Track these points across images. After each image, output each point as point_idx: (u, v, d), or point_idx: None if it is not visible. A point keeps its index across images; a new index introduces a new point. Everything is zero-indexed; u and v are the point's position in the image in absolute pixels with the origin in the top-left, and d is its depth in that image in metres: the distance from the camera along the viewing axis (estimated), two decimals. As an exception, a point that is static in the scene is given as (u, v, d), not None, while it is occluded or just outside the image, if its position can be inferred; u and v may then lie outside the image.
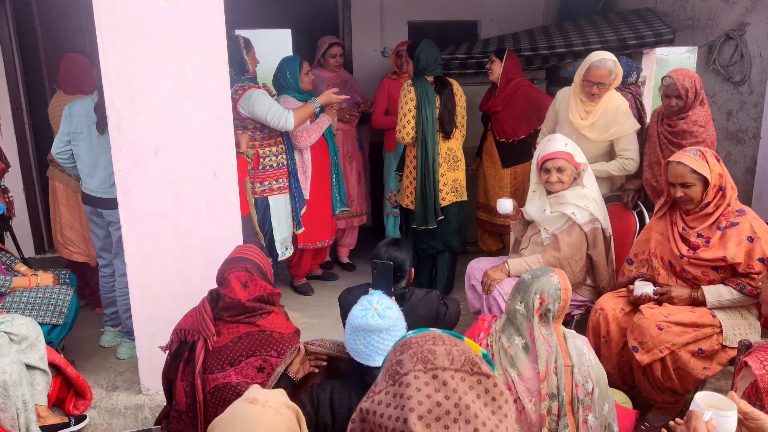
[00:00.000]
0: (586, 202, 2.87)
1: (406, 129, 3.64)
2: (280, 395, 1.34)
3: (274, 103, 3.51)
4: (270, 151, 3.65)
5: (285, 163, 3.71)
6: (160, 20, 2.55)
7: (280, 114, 3.48)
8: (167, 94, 2.62)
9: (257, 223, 3.64)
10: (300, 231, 3.87)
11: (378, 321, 1.71)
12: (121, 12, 2.51)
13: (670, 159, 2.56)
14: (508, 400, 1.01)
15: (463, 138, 3.86)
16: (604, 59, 3.20)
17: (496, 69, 4.02)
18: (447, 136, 3.71)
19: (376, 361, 1.71)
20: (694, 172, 2.46)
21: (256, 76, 3.73)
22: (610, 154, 3.41)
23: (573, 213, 2.86)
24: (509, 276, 2.98)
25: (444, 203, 3.76)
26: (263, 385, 2.07)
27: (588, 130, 3.31)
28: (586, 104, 3.31)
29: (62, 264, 3.96)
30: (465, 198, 3.90)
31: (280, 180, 3.70)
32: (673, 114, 3.09)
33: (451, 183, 3.79)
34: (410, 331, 1.19)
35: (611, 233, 3.00)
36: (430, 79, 3.68)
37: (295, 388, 1.87)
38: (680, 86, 2.99)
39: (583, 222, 2.87)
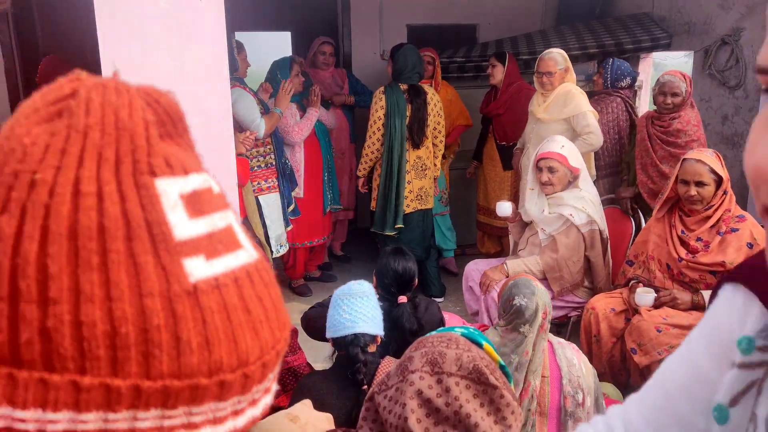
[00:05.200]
0: (583, 204, 2.90)
1: (376, 135, 3.69)
2: (326, 421, 1.28)
3: (253, 109, 3.51)
4: (257, 152, 3.68)
5: (273, 162, 3.74)
6: (160, 23, 2.57)
7: (251, 121, 3.51)
8: (168, 96, 2.63)
9: (256, 226, 3.66)
10: (288, 228, 3.91)
11: (359, 287, 1.88)
12: (121, 14, 2.53)
13: (687, 156, 2.55)
14: (514, 411, 1.02)
15: (437, 148, 3.88)
16: (550, 51, 3.54)
17: (498, 73, 4.05)
18: (416, 145, 3.73)
19: (360, 327, 1.80)
20: (713, 171, 2.47)
21: (245, 77, 3.79)
22: (570, 138, 3.48)
23: (570, 214, 2.89)
24: (508, 277, 3.00)
25: (408, 210, 3.78)
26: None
27: (543, 113, 3.53)
28: (545, 96, 3.57)
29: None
30: (430, 206, 3.91)
31: (270, 180, 3.72)
32: (666, 112, 3.17)
33: (417, 191, 3.82)
34: (434, 330, 1.19)
35: (608, 235, 3.03)
36: (404, 87, 3.69)
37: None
38: (678, 84, 3.10)
39: (580, 223, 2.90)
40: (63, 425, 0.33)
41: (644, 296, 2.56)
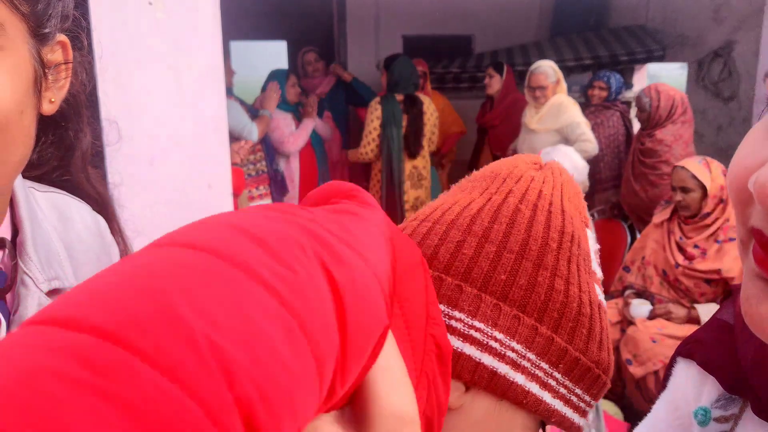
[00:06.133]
0: None
1: (370, 146, 3.74)
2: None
3: (240, 115, 3.55)
4: (248, 159, 3.68)
5: (264, 170, 3.74)
6: (156, 33, 2.58)
7: (243, 126, 3.53)
8: (163, 106, 2.64)
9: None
10: None
11: None
12: (117, 24, 2.54)
13: (676, 163, 2.63)
14: None
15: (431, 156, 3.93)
16: (540, 65, 3.53)
17: (495, 83, 4.07)
18: (413, 155, 3.76)
19: None
20: (694, 177, 2.51)
21: (231, 87, 3.80)
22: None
23: None
24: None
25: None
26: None
27: (536, 124, 3.55)
28: (537, 107, 3.60)
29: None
30: None
31: (261, 187, 3.72)
32: (643, 123, 3.23)
33: (413, 201, 3.85)
34: None
35: None
36: (400, 97, 3.72)
37: None
38: (644, 99, 3.16)
39: None
40: (513, 356, 0.45)
41: (639, 308, 2.57)
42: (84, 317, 0.21)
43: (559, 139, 3.47)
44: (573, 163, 2.98)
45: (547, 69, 3.50)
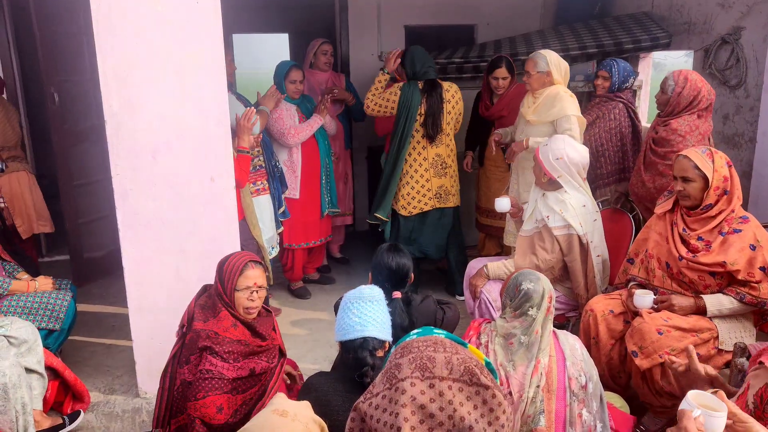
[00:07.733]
0: (561, 207, 2.89)
1: (377, 104, 3.81)
2: (307, 409, 1.33)
3: (241, 108, 3.54)
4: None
5: (263, 165, 3.73)
6: (157, 25, 2.56)
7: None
8: (165, 99, 2.63)
9: (254, 227, 3.64)
10: (280, 230, 3.91)
11: (370, 291, 1.91)
12: (118, 17, 2.52)
13: (679, 153, 2.59)
14: (505, 410, 1.01)
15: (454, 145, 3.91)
16: (537, 52, 3.55)
17: (507, 85, 4.03)
18: (431, 139, 3.76)
19: (370, 331, 1.80)
20: (697, 168, 2.47)
21: (234, 81, 3.77)
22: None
23: (547, 216, 2.90)
24: (489, 279, 3.04)
25: (426, 208, 3.85)
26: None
27: (531, 115, 3.53)
28: (535, 98, 3.56)
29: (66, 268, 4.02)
30: (449, 204, 3.94)
31: (258, 182, 3.71)
32: (660, 108, 3.20)
33: (436, 189, 3.85)
34: (413, 332, 1.18)
35: (589, 240, 2.93)
36: (421, 84, 3.73)
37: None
38: (670, 81, 3.12)
39: (554, 226, 2.90)
40: None
41: (643, 298, 2.55)
42: None
43: (552, 131, 3.43)
44: (574, 148, 2.96)
45: (536, 57, 3.47)
